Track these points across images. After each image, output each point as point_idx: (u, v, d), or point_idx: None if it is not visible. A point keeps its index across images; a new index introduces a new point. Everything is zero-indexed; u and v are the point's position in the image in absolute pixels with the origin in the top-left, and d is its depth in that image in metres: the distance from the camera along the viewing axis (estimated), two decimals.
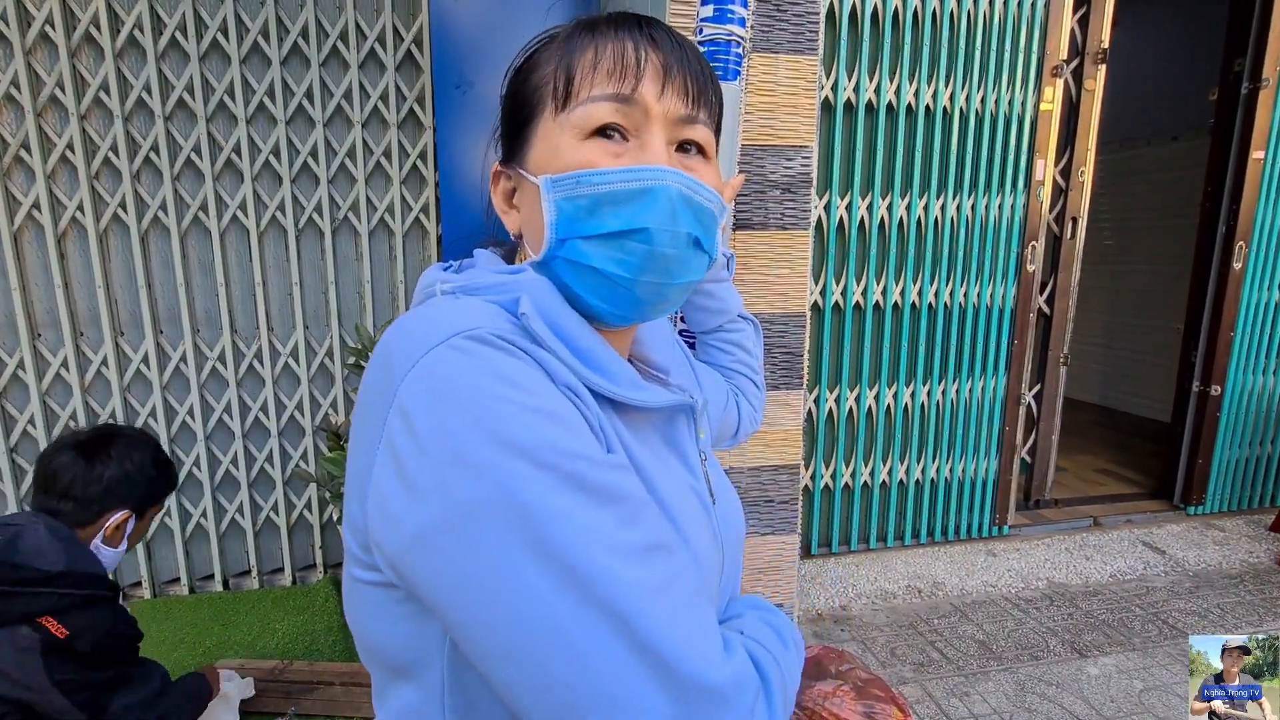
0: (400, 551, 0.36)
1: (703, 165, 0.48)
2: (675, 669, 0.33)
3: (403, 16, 2.08)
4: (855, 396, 2.40)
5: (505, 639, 0.33)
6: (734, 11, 0.86)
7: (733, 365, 0.84)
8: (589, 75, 0.45)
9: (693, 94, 0.46)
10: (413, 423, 0.36)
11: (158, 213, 2.03)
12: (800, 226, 1.66)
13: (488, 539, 0.34)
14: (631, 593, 0.33)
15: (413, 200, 2.18)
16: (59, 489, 1.20)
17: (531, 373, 0.39)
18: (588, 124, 0.45)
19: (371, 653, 0.45)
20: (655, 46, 0.46)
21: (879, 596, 2.32)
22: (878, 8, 2.14)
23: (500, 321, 0.40)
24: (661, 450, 0.50)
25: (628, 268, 0.45)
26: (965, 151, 2.31)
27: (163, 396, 2.11)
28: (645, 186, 0.44)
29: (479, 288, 0.45)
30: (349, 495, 0.42)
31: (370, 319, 2.21)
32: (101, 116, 1.96)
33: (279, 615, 2.09)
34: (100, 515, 1.22)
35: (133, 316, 2.08)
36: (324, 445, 2.22)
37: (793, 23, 1.54)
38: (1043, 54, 2.31)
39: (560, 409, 0.38)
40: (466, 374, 0.37)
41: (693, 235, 0.46)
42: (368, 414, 0.40)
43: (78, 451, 1.23)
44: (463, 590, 0.34)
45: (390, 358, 0.40)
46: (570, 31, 0.47)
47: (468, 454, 0.34)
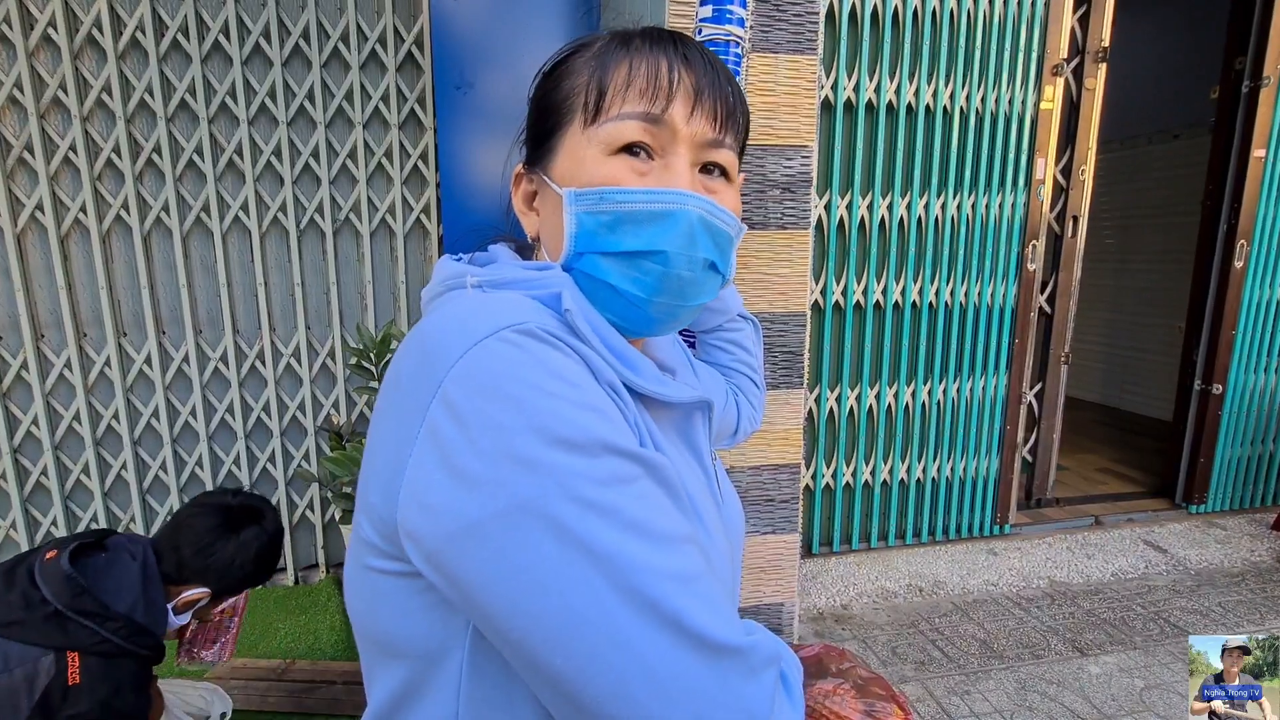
0: (441, 542, 0.36)
1: (725, 188, 0.49)
2: (708, 639, 0.34)
3: (403, 18, 2.09)
4: (856, 396, 2.40)
5: (554, 630, 0.34)
6: (733, 12, 0.86)
7: (732, 364, 0.84)
8: (621, 92, 0.45)
9: (721, 117, 0.47)
10: (461, 415, 0.36)
11: (160, 214, 2.03)
12: (800, 226, 1.67)
13: (537, 532, 0.34)
14: (671, 583, 0.35)
15: (414, 201, 2.19)
16: (178, 540, 1.21)
17: (579, 369, 0.39)
18: (615, 141, 0.45)
19: (377, 639, 0.44)
20: (689, 67, 0.46)
21: (880, 595, 2.33)
22: (878, 7, 2.14)
23: (546, 317, 0.41)
24: (681, 446, 0.51)
25: (643, 287, 0.45)
26: (966, 151, 2.31)
27: (165, 397, 2.11)
28: (667, 209, 0.44)
29: (509, 281, 0.46)
30: (367, 486, 0.42)
31: (372, 319, 2.22)
32: (104, 118, 1.97)
33: (281, 615, 2.10)
34: (185, 583, 1.21)
35: (135, 317, 2.09)
36: (326, 445, 2.22)
37: (792, 22, 1.54)
38: (1043, 53, 2.31)
39: (606, 406, 0.39)
40: (517, 367, 0.37)
41: (709, 259, 0.47)
42: (402, 404, 0.40)
43: (219, 518, 1.23)
44: (510, 582, 0.35)
45: (431, 350, 0.39)
46: (605, 44, 0.48)
47: (520, 447, 0.35)
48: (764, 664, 0.36)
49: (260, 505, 1.31)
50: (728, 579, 0.50)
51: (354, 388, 2.24)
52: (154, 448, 2.15)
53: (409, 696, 0.43)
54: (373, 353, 1.94)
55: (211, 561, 1.21)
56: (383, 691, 0.45)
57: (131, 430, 2.12)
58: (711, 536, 0.47)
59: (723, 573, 0.48)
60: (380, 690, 0.45)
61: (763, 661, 0.36)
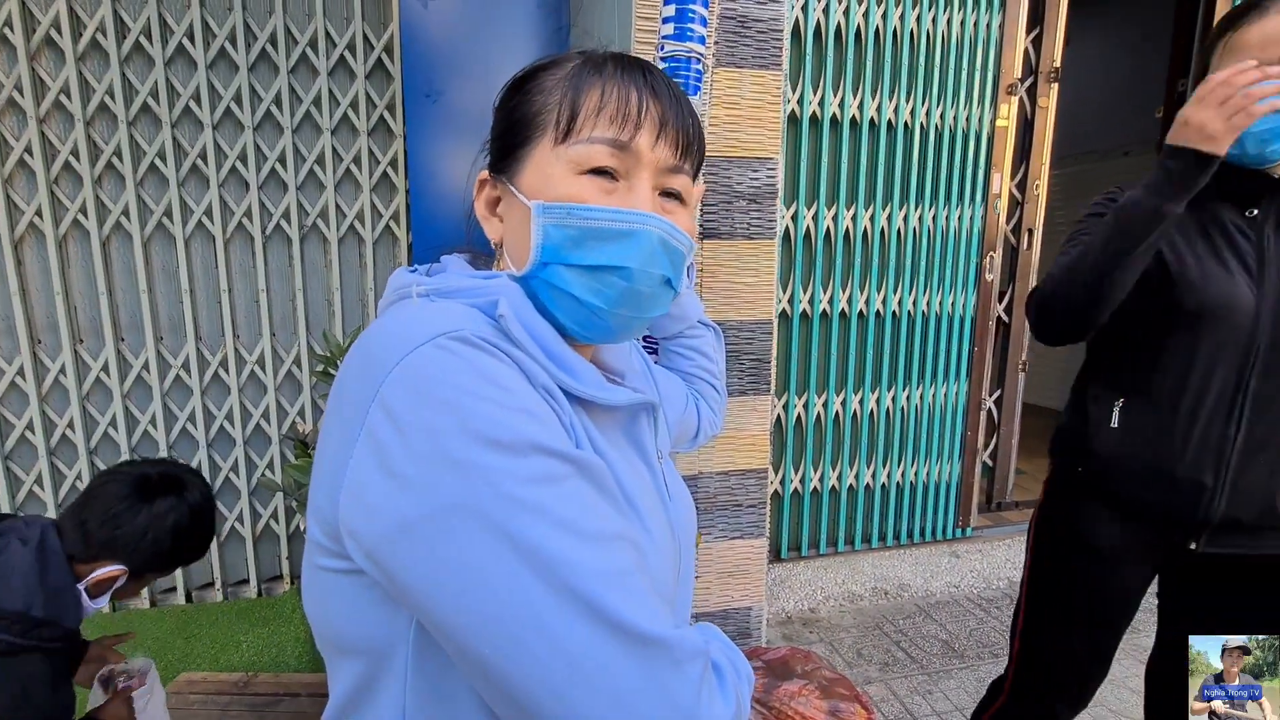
0: (379, 540, 0.38)
1: (681, 210, 0.52)
2: (632, 631, 0.36)
3: (373, 25, 2.09)
4: (823, 402, 2.45)
5: (482, 623, 0.36)
6: (694, 30, 0.89)
7: (693, 370, 0.87)
8: (592, 116, 0.48)
9: (682, 146, 0.50)
10: (397, 417, 0.38)
11: (120, 218, 1.99)
12: (766, 236, 1.71)
13: (468, 530, 0.36)
14: (596, 578, 0.36)
15: (383, 207, 2.18)
16: (84, 512, 1.07)
17: (511, 373, 0.41)
18: (585, 163, 0.48)
19: (331, 639, 0.46)
20: (656, 98, 0.49)
21: (846, 598, 2.37)
22: (841, 25, 2.21)
23: (480, 324, 0.43)
24: (625, 447, 0.53)
25: (605, 299, 0.48)
26: (926, 165, 2.38)
27: (124, 405, 2.06)
28: (631, 229, 0.47)
29: (454, 290, 0.47)
30: (316, 487, 0.43)
31: (339, 326, 2.20)
32: (63, 120, 1.93)
33: (244, 628, 2.05)
34: (94, 560, 1.07)
35: (92, 324, 2.03)
36: (291, 454, 2.19)
37: (757, 39, 1.59)
38: (998, 72, 2.40)
39: (537, 408, 0.41)
40: (451, 372, 0.39)
41: (666, 276, 0.50)
42: (345, 409, 0.42)
43: (131, 486, 1.10)
44: (443, 577, 0.36)
45: (372, 355, 0.41)
46: (579, 68, 0.50)
47: (452, 449, 0.37)
48: (689, 656, 0.38)
49: (184, 475, 1.17)
50: (669, 576, 0.52)
51: (320, 395, 2.21)
52: (111, 457, 2.10)
53: (362, 692, 0.45)
54: (339, 360, 1.92)
55: (119, 533, 1.06)
56: (339, 688, 0.46)
57: (88, 440, 2.06)
58: (652, 534, 0.49)
59: (663, 569, 0.50)
60: (338, 687, 0.47)
61: (688, 654, 0.38)
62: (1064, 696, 1.17)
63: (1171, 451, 0.98)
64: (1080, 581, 1.11)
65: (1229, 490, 0.96)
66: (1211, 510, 0.97)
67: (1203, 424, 0.96)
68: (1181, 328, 0.97)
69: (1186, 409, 0.97)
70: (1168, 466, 0.98)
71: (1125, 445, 1.02)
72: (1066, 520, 1.13)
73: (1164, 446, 0.99)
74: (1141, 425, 1.01)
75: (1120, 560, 1.08)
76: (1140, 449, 1.01)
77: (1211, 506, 0.96)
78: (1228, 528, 0.98)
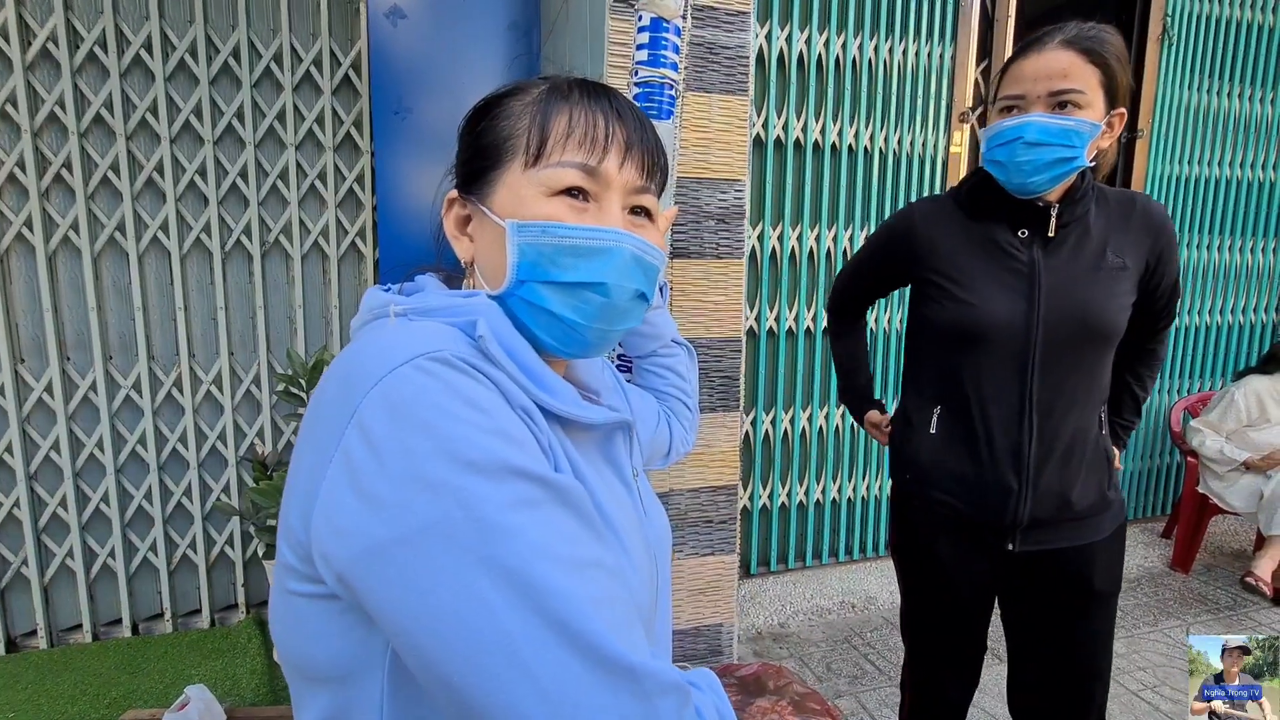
0: (350, 563, 0.37)
1: (650, 227, 0.55)
2: (603, 657, 0.35)
3: (340, 41, 2.07)
4: (790, 418, 2.49)
5: (454, 647, 0.35)
6: (666, 57, 0.92)
7: (666, 389, 0.88)
8: (561, 141, 0.49)
9: (647, 167, 0.52)
10: (373, 438, 0.37)
11: (68, 232, 1.92)
12: (734, 255, 1.74)
13: (442, 553, 0.35)
14: (572, 604, 0.36)
15: (349, 224, 2.15)
16: None
17: (490, 395, 0.41)
18: (556, 185, 0.49)
19: (300, 667, 0.45)
20: (621, 122, 0.51)
21: (815, 613, 2.39)
22: (803, 53, 2.29)
23: (460, 344, 0.43)
24: (601, 466, 0.54)
25: (583, 315, 0.49)
26: (885, 187, 2.47)
27: (68, 427, 1.96)
28: (606, 246, 0.49)
29: (432, 310, 0.47)
30: (288, 509, 0.42)
31: (302, 344, 2.15)
32: (8, 132, 1.85)
33: (195, 660, 1.96)
34: None
35: (35, 342, 1.94)
36: (249, 476, 2.11)
37: (725, 65, 1.63)
38: (950, 101, 2.52)
39: (515, 431, 0.41)
40: (429, 394, 0.38)
41: (640, 290, 0.52)
42: (320, 429, 0.41)
43: None
44: (413, 601, 0.36)
45: (350, 376, 0.41)
46: (546, 94, 0.51)
47: (427, 471, 0.36)
48: (660, 690, 0.37)
49: None
50: (647, 597, 0.52)
51: (281, 415, 2.15)
52: (53, 482, 1.99)
53: None
54: (303, 379, 1.87)
55: None
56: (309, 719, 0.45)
57: (27, 464, 1.95)
58: (630, 554, 0.49)
59: (642, 589, 0.50)
60: (306, 718, 0.45)
61: (659, 688, 0.37)
62: (955, 679, 1.27)
63: (980, 459, 1.06)
64: (932, 587, 1.19)
65: (1031, 491, 1.03)
66: (1020, 512, 1.04)
67: (1001, 432, 1.04)
68: (969, 343, 1.05)
69: (987, 418, 1.05)
70: (978, 473, 1.06)
71: (941, 452, 1.10)
72: (909, 533, 1.19)
73: (975, 454, 1.06)
74: (955, 434, 1.09)
75: (959, 562, 1.14)
76: (954, 457, 1.09)
77: (1019, 509, 1.04)
78: (1035, 526, 1.05)
